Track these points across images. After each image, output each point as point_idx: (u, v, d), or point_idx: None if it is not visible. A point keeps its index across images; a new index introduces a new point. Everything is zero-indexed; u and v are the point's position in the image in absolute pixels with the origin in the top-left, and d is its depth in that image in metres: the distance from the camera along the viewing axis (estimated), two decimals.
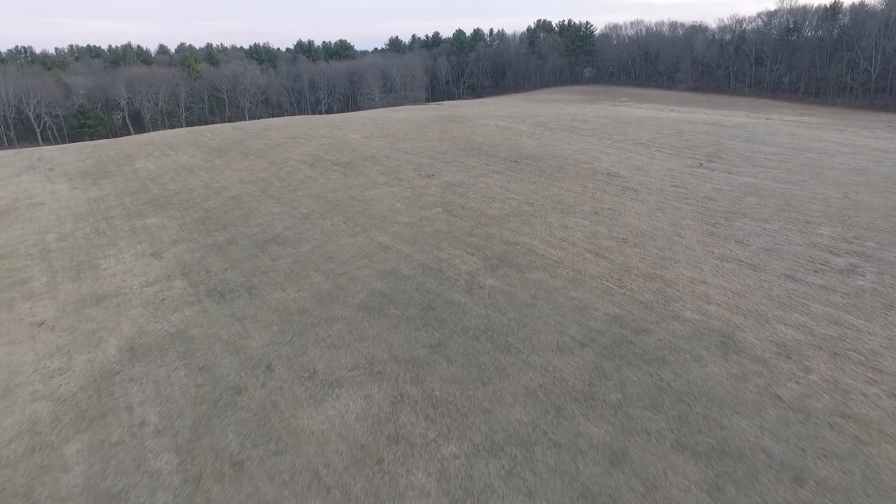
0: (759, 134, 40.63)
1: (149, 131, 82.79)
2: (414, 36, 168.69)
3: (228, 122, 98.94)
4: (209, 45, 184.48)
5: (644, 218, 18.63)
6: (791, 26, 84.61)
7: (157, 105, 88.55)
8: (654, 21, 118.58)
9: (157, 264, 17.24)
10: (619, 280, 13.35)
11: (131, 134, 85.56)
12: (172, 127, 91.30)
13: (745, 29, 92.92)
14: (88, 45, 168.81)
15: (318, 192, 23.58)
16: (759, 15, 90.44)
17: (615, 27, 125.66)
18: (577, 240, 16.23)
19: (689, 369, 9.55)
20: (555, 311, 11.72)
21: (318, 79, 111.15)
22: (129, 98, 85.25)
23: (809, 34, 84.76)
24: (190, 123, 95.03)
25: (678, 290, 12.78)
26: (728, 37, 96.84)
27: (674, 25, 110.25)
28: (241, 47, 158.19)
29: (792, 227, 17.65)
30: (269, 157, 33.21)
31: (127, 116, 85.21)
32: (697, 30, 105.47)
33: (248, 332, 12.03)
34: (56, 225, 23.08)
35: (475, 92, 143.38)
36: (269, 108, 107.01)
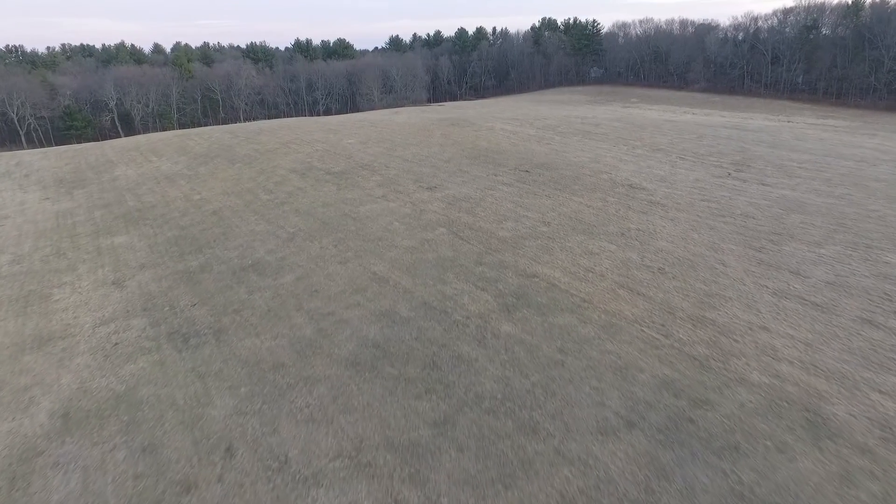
0: (785, 139, 38.49)
1: (139, 133, 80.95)
2: (415, 34, 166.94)
3: (222, 123, 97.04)
4: (206, 44, 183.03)
5: (678, 241, 16.50)
6: (809, 24, 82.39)
7: (148, 106, 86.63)
8: (663, 19, 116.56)
9: (116, 296, 15.15)
10: (663, 325, 11.22)
11: (120, 136, 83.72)
12: (164, 129, 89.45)
13: (759, 27, 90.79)
14: (82, 44, 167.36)
15: (308, 206, 21.49)
16: (774, 12, 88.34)
17: (623, 25, 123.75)
18: (606, 270, 14.09)
19: (774, 464, 7.42)
20: (589, 373, 9.59)
21: (316, 79, 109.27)
22: (118, 99, 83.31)
23: (828, 32, 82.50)
24: (182, 125, 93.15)
25: (736, 341, 10.64)
26: (741, 35, 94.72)
27: (684, 23, 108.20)
28: (238, 46, 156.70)
29: (852, 252, 15.50)
30: (257, 165, 31.16)
31: (116, 118, 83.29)
32: (709, 28, 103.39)
33: (210, 395, 9.92)
34: (14, 244, 21.01)
35: (478, 92, 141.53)
36: (265, 109, 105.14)
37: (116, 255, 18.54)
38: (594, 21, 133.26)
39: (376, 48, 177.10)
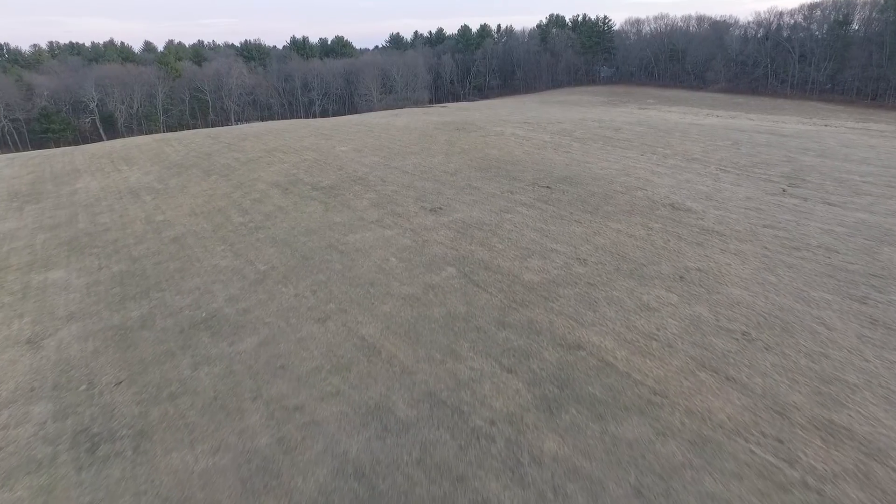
0: (831, 146, 35.17)
1: (122, 137, 77.97)
2: (416, 32, 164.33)
3: (212, 126, 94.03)
4: (200, 42, 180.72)
5: (754, 287, 13.17)
6: (841, 19, 78.93)
7: (133, 108, 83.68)
8: (679, 15, 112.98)
9: (26, 362, 11.88)
10: (779, 441, 7.88)
11: (103, 140, 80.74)
12: (150, 132, 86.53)
13: (785, 23, 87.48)
14: (71, 42, 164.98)
15: (287, 234, 18.21)
16: (801, 7, 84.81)
17: (636, 22, 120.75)
18: (673, 335, 10.77)
19: None
20: None
21: (312, 79, 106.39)
22: (99, 100, 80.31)
23: (861, 28, 79.03)
24: (169, 128, 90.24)
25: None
26: (763, 32, 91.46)
27: (701, 20, 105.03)
28: (233, 44, 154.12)
29: None
30: (236, 177, 27.94)
31: (98, 120, 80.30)
32: (728, 25, 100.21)
33: None
34: None
35: (482, 92, 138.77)
36: (258, 110, 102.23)
37: (44, 298, 15.27)
38: (605, 18, 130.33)
39: (377, 47, 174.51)
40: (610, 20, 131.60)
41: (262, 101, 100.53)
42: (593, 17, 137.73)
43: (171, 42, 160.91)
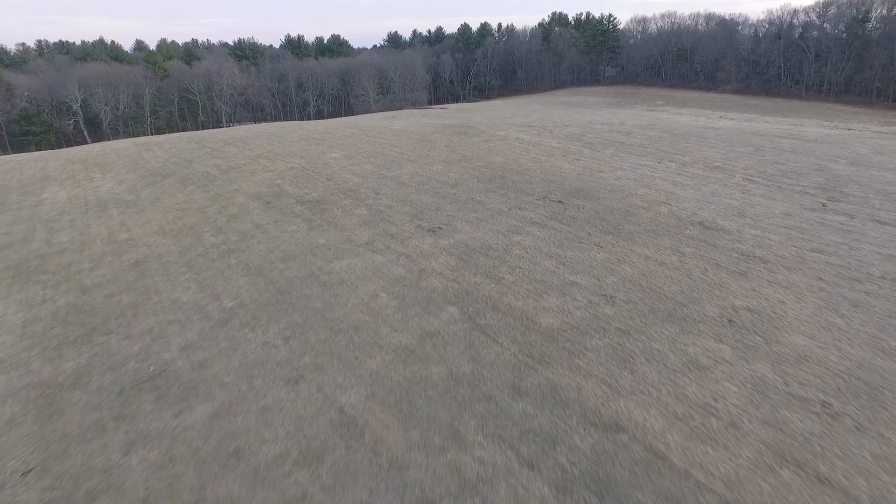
0: (863, 153, 33.12)
1: (108, 139, 75.79)
2: (415, 31, 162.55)
3: (202, 128, 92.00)
4: (194, 41, 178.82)
5: (819, 334, 11.04)
6: (860, 17, 76.87)
7: (118, 109, 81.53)
8: (687, 13, 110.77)
9: None
10: None
11: (87, 143, 78.62)
12: (137, 134, 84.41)
13: (799, 21, 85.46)
14: (61, 41, 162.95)
15: (263, 258, 16.07)
16: (815, 5, 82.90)
17: (642, 20, 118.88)
18: (736, 409, 8.62)
19: None
20: None
21: (306, 79, 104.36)
22: (83, 100, 78.13)
23: (879, 26, 77.01)
24: (157, 129, 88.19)
25: None
26: (775, 30, 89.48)
27: (710, 18, 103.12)
28: (227, 43, 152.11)
29: None
30: (214, 188, 25.82)
31: (82, 122, 78.14)
32: (739, 23, 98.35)
33: None
34: None
35: (482, 93, 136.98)
36: (250, 111, 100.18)
37: None
38: (610, 15, 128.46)
39: (375, 46, 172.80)
40: (615, 18, 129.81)
41: (254, 101, 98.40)
42: (597, 14, 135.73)
43: (163, 41, 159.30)
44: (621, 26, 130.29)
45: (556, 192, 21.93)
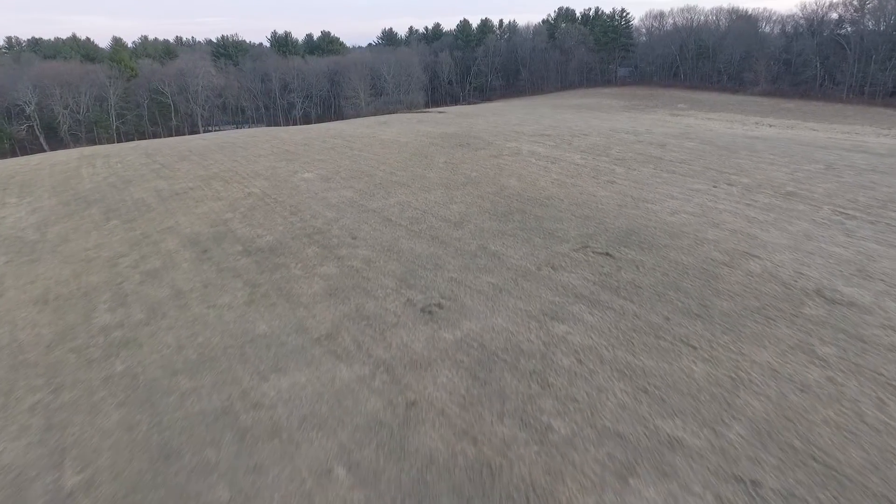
0: None
1: (69, 146, 70.56)
2: (411, 28, 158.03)
3: (175, 133, 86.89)
4: (178, 39, 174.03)
5: None
6: None
7: (79, 112, 76.22)
8: (707, 7, 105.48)
9: None
10: None
11: (44, 150, 73.33)
12: (102, 140, 79.21)
13: (839, 16, 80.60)
14: (33, 38, 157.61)
15: (162, 366, 10.78)
16: None
17: (659, 15, 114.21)
18: None
19: None
20: None
21: (291, 79, 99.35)
22: (38, 103, 72.82)
23: None
24: (126, 135, 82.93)
25: None
26: (807, 25, 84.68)
27: (734, 13, 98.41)
28: (210, 40, 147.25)
29: None
30: (143, 224, 20.58)
31: (37, 127, 72.82)
32: (766, 18, 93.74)
33: None
34: None
35: (484, 94, 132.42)
36: (229, 114, 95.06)
37: None
38: (623, 10, 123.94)
39: (370, 44, 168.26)
40: (628, 13, 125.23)
41: (233, 104, 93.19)
42: (608, 10, 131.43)
43: (145, 38, 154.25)
44: (635, 22, 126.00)
45: (599, 237, 16.71)
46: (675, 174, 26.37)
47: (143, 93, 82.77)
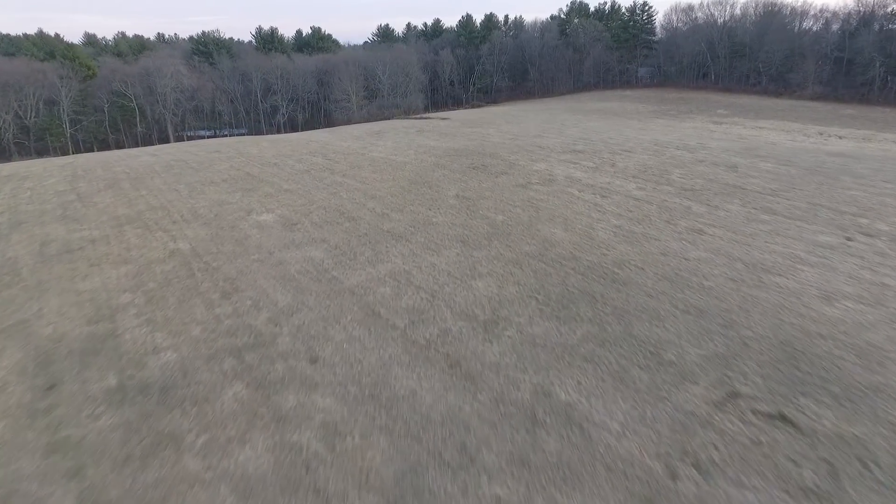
0: None
1: (11, 158, 63.87)
2: (409, 24, 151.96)
3: (141, 141, 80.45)
4: (160, 35, 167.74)
5: None
6: None
7: (26, 118, 69.55)
8: (741, 1, 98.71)
9: None
10: None
11: None
12: (56, 150, 72.69)
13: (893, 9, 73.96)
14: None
15: None
16: None
17: (687, 9, 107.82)
18: None
19: None
20: None
21: (274, 80, 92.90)
22: None
23: None
24: (84, 144, 76.43)
25: None
26: (860, 20, 78.28)
27: (773, 6, 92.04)
28: (192, 36, 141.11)
29: None
30: None
31: None
32: (808, 13, 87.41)
33: None
34: None
35: (489, 96, 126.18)
36: (203, 119, 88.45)
37: None
38: (645, 3, 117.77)
39: (366, 42, 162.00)
40: (651, 7, 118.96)
41: (207, 107, 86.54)
42: (628, 3, 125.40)
43: (121, 34, 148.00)
44: (658, 18, 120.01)
45: (739, 362, 9.96)
46: (776, 216, 19.64)
47: (103, 95, 76.23)
